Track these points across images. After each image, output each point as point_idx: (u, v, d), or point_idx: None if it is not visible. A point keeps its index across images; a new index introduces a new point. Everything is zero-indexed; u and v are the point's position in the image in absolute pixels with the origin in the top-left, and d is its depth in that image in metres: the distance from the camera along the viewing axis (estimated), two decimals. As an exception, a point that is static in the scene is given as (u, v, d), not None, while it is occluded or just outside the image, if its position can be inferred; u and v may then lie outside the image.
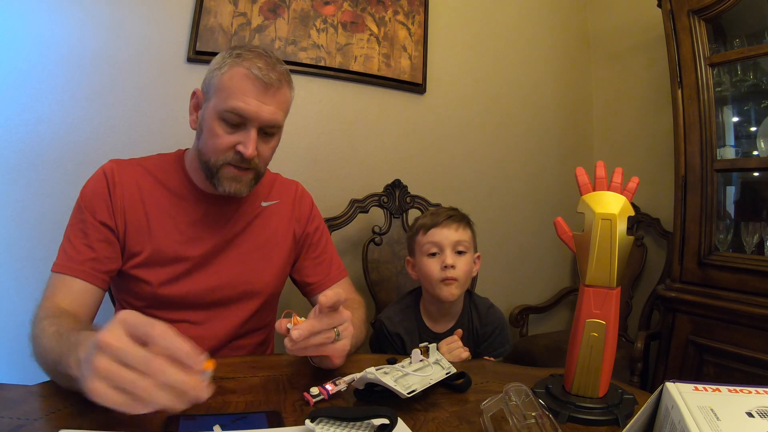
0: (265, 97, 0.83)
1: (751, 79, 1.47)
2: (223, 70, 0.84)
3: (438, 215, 1.16)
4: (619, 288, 0.65)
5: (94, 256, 0.83)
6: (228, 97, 0.82)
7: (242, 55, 0.84)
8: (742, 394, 0.49)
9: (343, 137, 1.71)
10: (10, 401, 0.60)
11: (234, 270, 0.94)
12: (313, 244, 1.05)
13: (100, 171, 0.90)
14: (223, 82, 0.83)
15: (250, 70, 0.82)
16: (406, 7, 1.76)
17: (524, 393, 0.57)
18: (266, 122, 0.84)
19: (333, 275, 1.05)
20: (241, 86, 0.82)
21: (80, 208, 0.87)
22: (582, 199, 0.67)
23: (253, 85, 0.82)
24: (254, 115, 0.83)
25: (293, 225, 1.02)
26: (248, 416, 0.60)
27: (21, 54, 1.29)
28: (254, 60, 0.83)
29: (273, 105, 0.84)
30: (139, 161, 0.94)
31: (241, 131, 0.84)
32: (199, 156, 0.89)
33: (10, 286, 1.28)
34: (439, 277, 1.10)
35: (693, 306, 1.42)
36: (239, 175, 0.87)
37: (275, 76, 0.84)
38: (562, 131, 2.18)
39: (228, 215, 0.95)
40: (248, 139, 0.83)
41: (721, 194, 1.47)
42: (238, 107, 0.82)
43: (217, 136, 0.84)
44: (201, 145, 0.88)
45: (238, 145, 0.84)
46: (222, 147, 0.84)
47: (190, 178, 0.94)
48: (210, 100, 0.86)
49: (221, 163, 0.85)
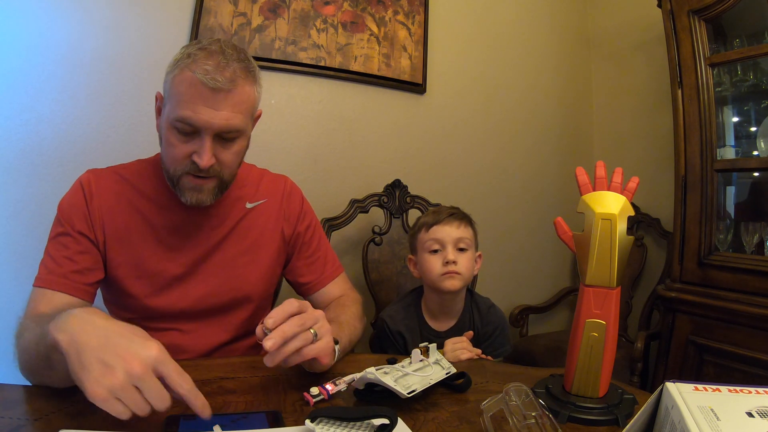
0: (216, 102, 0.76)
1: (751, 79, 1.47)
2: (174, 73, 0.78)
3: (440, 213, 1.17)
4: (619, 288, 0.65)
5: (75, 268, 0.81)
6: (177, 105, 0.77)
7: (192, 55, 0.77)
8: (742, 394, 0.49)
9: (343, 137, 1.71)
10: (10, 401, 0.60)
11: (220, 277, 0.91)
12: (305, 243, 1.01)
13: (77, 183, 0.88)
14: (173, 88, 0.78)
15: (195, 75, 0.75)
16: (406, 7, 1.76)
17: (524, 393, 0.57)
18: (220, 129, 0.78)
19: (328, 273, 1.03)
20: (188, 93, 0.76)
21: (59, 222, 0.85)
22: (582, 199, 0.67)
23: (200, 92, 0.75)
24: (205, 124, 0.76)
25: (281, 224, 0.99)
26: (248, 416, 0.60)
27: (21, 54, 1.29)
28: (203, 62, 0.75)
29: (226, 110, 0.77)
30: (116, 169, 0.91)
31: (195, 140, 0.79)
32: (162, 165, 0.86)
33: (10, 286, 1.28)
34: (440, 272, 1.11)
35: (693, 306, 1.42)
36: (199, 184, 0.82)
37: (226, 77, 0.76)
38: (562, 131, 2.18)
39: (210, 220, 0.91)
40: (202, 148, 0.78)
41: (721, 194, 1.47)
42: (186, 117, 0.76)
43: (172, 145, 0.79)
44: (162, 154, 0.85)
45: (194, 155, 0.79)
46: (178, 157, 0.80)
47: (167, 184, 0.89)
48: (166, 105, 0.81)
49: (180, 173, 0.81)
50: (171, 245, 0.88)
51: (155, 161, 0.93)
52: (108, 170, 0.91)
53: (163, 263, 0.88)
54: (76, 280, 0.81)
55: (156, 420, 0.58)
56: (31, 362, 0.65)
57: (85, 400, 0.60)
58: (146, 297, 0.87)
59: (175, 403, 0.62)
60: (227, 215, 0.93)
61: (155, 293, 0.88)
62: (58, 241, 0.83)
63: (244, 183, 0.97)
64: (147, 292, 0.87)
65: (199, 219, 0.91)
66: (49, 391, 0.63)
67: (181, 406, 0.62)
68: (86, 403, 0.60)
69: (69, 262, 0.81)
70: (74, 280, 0.80)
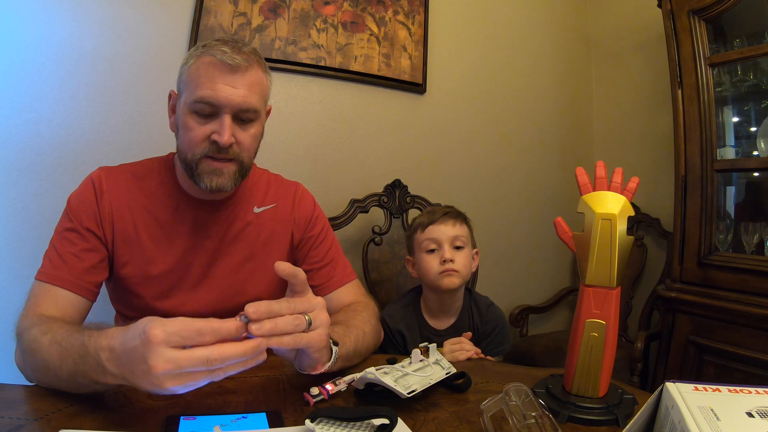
0: (234, 80, 0.79)
1: (751, 79, 1.47)
2: (190, 63, 0.81)
3: (434, 213, 1.18)
4: (619, 288, 0.65)
5: (81, 266, 0.80)
6: (196, 87, 0.79)
7: (208, 44, 0.81)
8: (742, 394, 0.49)
9: (343, 137, 1.71)
10: (10, 401, 0.60)
11: (227, 281, 0.91)
12: (314, 246, 1.00)
13: (87, 179, 0.87)
14: (190, 74, 0.81)
15: (214, 56, 0.79)
16: (406, 7, 1.76)
17: (524, 393, 0.57)
18: (239, 106, 0.80)
19: (337, 278, 0.99)
20: (207, 73, 0.79)
21: (67, 217, 0.84)
22: (582, 199, 0.67)
23: (219, 70, 0.79)
24: (225, 101, 0.78)
25: (291, 228, 0.98)
26: (248, 416, 0.60)
27: (21, 54, 1.29)
28: (219, 47, 0.80)
29: (243, 88, 0.80)
30: (128, 167, 0.91)
31: (214, 120, 0.80)
32: (179, 156, 0.86)
33: (10, 286, 1.28)
34: (438, 271, 1.12)
35: (693, 306, 1.42)
36: (219, 167, 0.82)
37: (242, 57, 0.80)
38: (562, 131, 2.18)
39: (220, 222, 0.91)
40: (222, 126, 0.79)
41: (721, 194, 1.47)
42: (206, 95, 0.78)
43: (191, 129, 0.80)
44: (179, 143, 0.85)
45: (213, 134, 0.80)
46: (197, 139, 0.80)
47: (179, 183, 0.90)
48: (181, 96, 0.83)
49: (199, 156, 0.81)
50: (180, 247, 0.88)
51: (167, 161, 0.93)
52: (120, 168, 0.91)
53: (170, 265, 0.87)
54: (82, 278, 0.80)
55: (156, 420, 0.58)
56: (50, 378, 0.63)
57: (85, 400, 0.60)
58: (152, 299, 0.87)
59: (176, 403, 0.63)
60: (236, 218, 0.93)
61: (162, 295, 0.88)
62: (66, 236, 0.82)
63: (254, 187, 0.97)
64: (153, 294, 0.87)
65: (208, 221, 0.90)
66: (49, 391, 0.63)
67: (181, 406, 0.62)
68: (86, 403, 0.60)
69: (75, 258, 0.81)
70: (79, 278, 0.80)
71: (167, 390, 0.50)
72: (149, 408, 0.61)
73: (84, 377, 0.57)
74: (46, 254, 0.82)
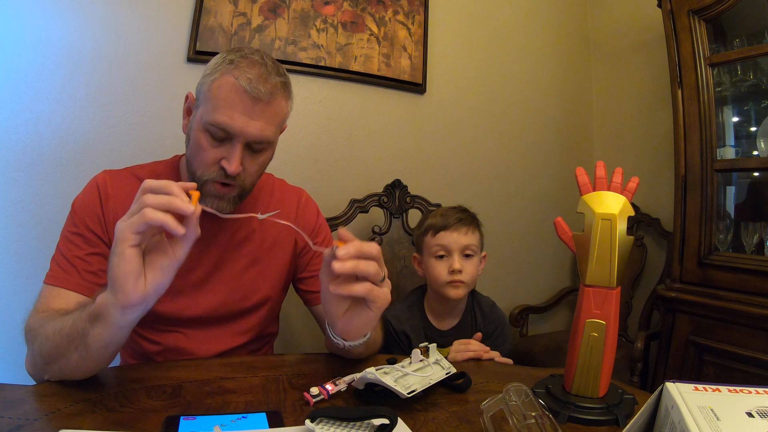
0: (253, 112, 0.78)
1: (751, 79, 1.47)
2: (214, 77, 0.79)
3: (447, 217, 1.15)
4: (619, 288, 0.65)
5: (88, 269, 0.81)
6: (214, 109, 0.78)
7: (235, 62, 0.79)
8: (742, 394, 0.49)
9: (343, 137, 1.71)
10: (10, 401, 0.60)
11: (230, 287, 0.91)
12: (317, 255, 1.00)
13: (92, 182, 0.87)
14: (212, 91, 0.79)
15: (238, 81, 0.76)
16: (406, 7, 1.76)
17: (524, 393, 0.57)
18: (252, 139, 0.79)
19: None
20: (228, 98, 0.77)
21: (72, 220, 0.84)
22: (582, 199, 0.67)
23: (241, 99, 0.77)
24: (239, 131, 0.78)
25: (294, 235, 0.98)
26: (248, 416, 0.60)
27: (21, 54, 1.29)
28: (246, 69, 0.78)
29: (261, 120, 0.79)
30: (132, 170, 0.91)
31: (226, 145, 0.80)
32: (187, 165, 0.86)
33: (10, 286, 1.28)
34: (446, 280, 1.11)
35: (693, 306, 1.42)
36: (223, 192, 0.83)
37: (267, 89, 0.78)
38: (562, 131, 2.18)
39: (224, 228, 0.91)
40: (232, 155, 0.79)
41: (721, 194, 1.47)
42: (222, 122, 0.77)
43: (203, 149, 0.80)
44: (188, 154, 0.85)
45: (222, 161, 0.80)
46: (207, 161, 0.80)
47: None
48: (199, 107, 0.82)
49: (206, 178, 0.81)
50: None
51: (173, 164, 0.93)
52: (124, 171, 0.91)
53: None
54: (90, 281, 0.81)
55: (156, 420, 0.58)
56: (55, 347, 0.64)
57: (85, 400, 0.60)
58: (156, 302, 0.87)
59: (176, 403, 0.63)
60: (241, 225, 0.93)
61: (165, 299, 0.87)
62: (71, 240, 0.83)
63: (258, 193, 0.97)
64: None
65: (212, 226, 0.90)
66: (49, 391, 0.63)
67: (181, 406, 0.62)
68: (86, 402, 0.60)
69: (82, 262, 0.81)
70: (88, 281, 0.80)
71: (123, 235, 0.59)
72: (149, 408, 0.61)
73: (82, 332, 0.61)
74: (53, 259, 0.82)
